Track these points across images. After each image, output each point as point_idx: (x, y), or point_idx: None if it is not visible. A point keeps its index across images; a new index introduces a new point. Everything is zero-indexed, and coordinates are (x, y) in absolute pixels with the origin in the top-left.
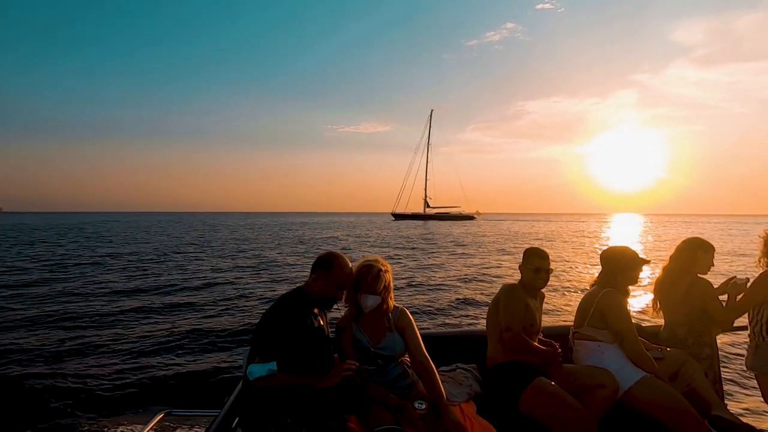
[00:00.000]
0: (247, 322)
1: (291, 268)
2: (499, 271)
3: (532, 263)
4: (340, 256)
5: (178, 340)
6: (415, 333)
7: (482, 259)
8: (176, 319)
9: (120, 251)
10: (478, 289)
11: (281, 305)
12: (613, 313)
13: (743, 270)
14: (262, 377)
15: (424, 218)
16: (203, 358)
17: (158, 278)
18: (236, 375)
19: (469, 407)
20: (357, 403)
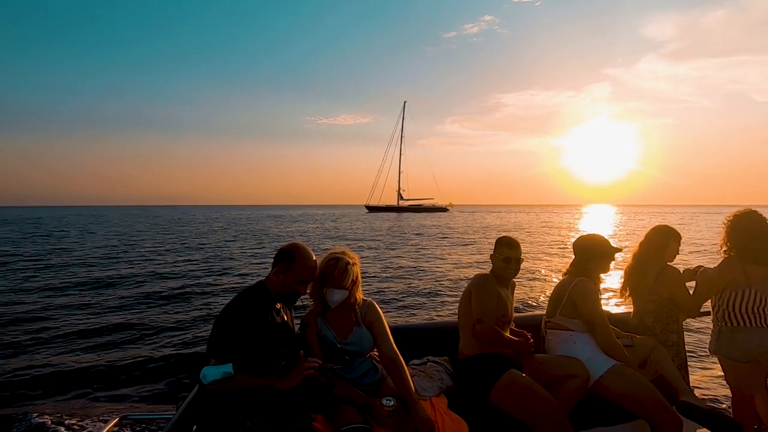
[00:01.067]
0: (205, 319)
1: (248, 264)
2: (465, 260)
3: (503, 253)
4: (302, 247)
5: (132, 341)
6: (384, 327)
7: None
8: (127, 318)
9: (68, 247)
10: (445, 280)
11: (239, 301)
12: (585, 302)
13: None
14: (216, 380)
15: (397, 210)
16: (159, 360)
17: (107, 275)
18: (195, 376)
19: (440, 401)
20: (323, 401)
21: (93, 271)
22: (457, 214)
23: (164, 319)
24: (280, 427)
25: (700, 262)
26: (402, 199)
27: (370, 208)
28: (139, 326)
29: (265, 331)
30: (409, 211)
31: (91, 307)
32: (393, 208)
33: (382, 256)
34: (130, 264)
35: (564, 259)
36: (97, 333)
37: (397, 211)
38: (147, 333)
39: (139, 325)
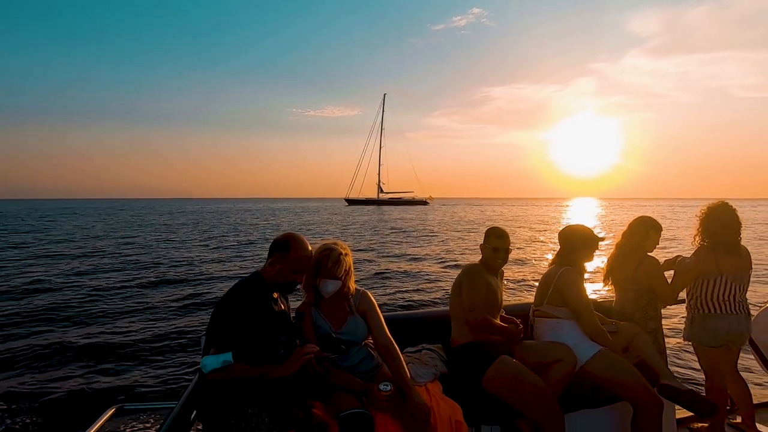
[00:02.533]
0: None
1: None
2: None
3: (492, 243)
4: (297, 237)
5: (126, 334)
6: (378, 315)
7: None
8: (121, 312)
9: None
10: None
11: (236, 292)
12: (570, 290)
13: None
14: (216, 369)
15: (377, 203)
16: (156, 351)
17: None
18: (192, 366)
19: (435, 387)
20: (320, 389)
21: (75, 262)
22: (438, 207)
23: (156, 310)
24: (280, 414)
25: (678, 252)
26: (382, 192)
27: (349, 201)
28: (131, 318)
29: (262, 320)
30: (388, 204)
31: (81, 298)
32: (373, 201)
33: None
34: (116, 256)
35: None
36: (88, 323)
37: (377, 204)
38: (140, 324)
39: (132, 317)
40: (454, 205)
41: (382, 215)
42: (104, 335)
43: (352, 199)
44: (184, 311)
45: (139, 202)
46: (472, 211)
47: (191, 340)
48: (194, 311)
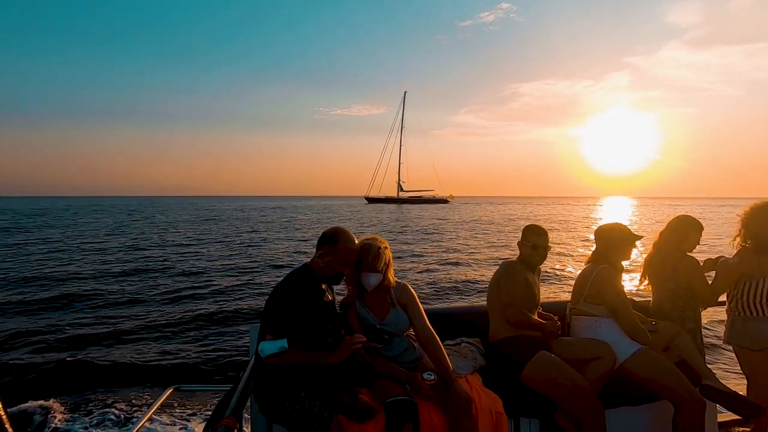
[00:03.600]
0: (246, 301)
1: None
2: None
3: (531, 240)
4: (345, 231)
5: (182, 321)
6: (419, 307)
7: None
8: (177, 300)
9: None
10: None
11: (290, 283)
12: (608, 288)
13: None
14: (273, 354)
15: (397, 202)
16: (207, 337)
17: (145, 261)
18: (241, 351)
19: (475, 379)
20: (366, 376)
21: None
22: (457, 206)
23: (203, 300)
24: (331, 399)
25: (720, 253)
26: (402, 191)
27: (369, 199)
28: (186, 304)
29: (313, 310)
30: (408, 203)
31: (136, 290)
32: (393, 200)
33: None
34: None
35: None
36: (148, 308)
37: (397, 202)
38: (193, 310)
39: (186, 303)
40: (477, 203)
41: (401, 214)
42: (162, 318)
43: (372, 198)
44: (231, 299)
45: (166, 200)
46: (494, 210)
47: (241, 326)
48: (244, 298)
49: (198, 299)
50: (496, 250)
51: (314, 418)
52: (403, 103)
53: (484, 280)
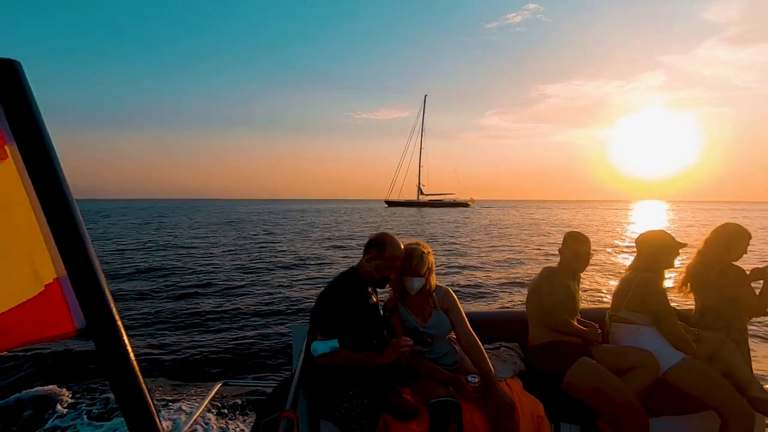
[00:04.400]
0: (293, 301)
1: None
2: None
3: (573, 247)
4: (392, 237)
5: (230, 317)
6: (460, 312)
7: None
8: (228, 298)
9: None
10: None
11: (340, 285)
12: (651, 296)
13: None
14: (325, 354)
15: (417, 205)
16: (249, 335)
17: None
18: (283, 349)
19: (515, 383)
20: (409, 377)
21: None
22: (478, 210)
23: (253, 301)
24: (377, 398)
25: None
26: (422, 194)
27: (389, 202)
28: (233, 309)
29: (360, 312)
30: (428, 206)
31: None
32: (412, 203)
33: None
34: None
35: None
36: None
37: (417, 206)
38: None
39: (236, 308)
40: (499, 207)
41: (421, 217)
42: (207, 315)
43: (392, 201)
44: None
45: (191, 203)
46: (516, 214)
47: (281, 325)
48: (281, 298)
49: (239, 297)
50: (510, 254)
51: (362, 416)
52: (424, 106)
53: (491, 285)
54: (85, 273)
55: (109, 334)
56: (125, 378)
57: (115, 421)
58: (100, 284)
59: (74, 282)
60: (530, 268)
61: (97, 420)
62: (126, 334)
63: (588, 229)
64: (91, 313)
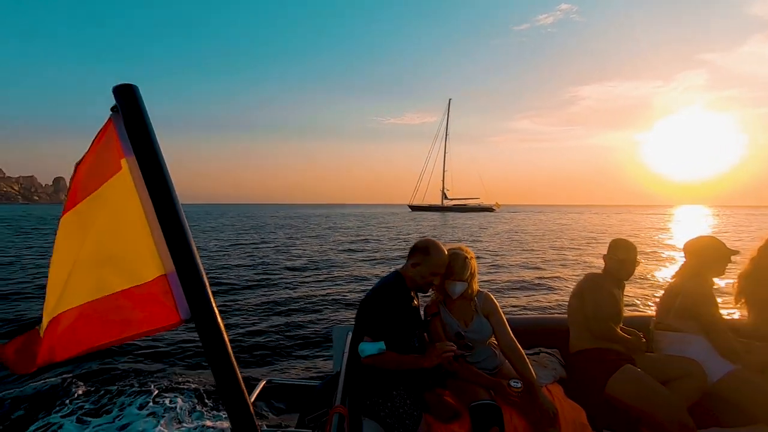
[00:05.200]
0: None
1: None
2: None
3: (618, 254)
4: (436, 242)
5: (271, 318)
6: (501, 317)
7: None
8: (269, 300)
9: None
10: None
11: (386, 289)
12: (701, 305)
13: None
14: (372, 355)
15: (441, 210)
16: (294, 335)
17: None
18: (326, 350)
19: (556, 389)
20: (447, 380)
21: None
22: (503, 215)
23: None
24: (419, 398)
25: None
26: (446, 199)
27: (413, 207)
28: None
29: (404, 315)
30: (453, 211)
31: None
32: (436, 208)
33: None
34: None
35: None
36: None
37: (441, 210)
38: (285, 312)
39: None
40: (526, 212)
41: (445, 222)
42: (261, 315)
43: (416, 206)
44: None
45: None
46: (545, 219)
47: (321, 325)
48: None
49: (282, 299)
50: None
51: (405, 416)
52: (448, 110)
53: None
54: (190, 268)
55: (210, 322)
56: (222, 360)
57: None
58: (202, 279)
59: (181, 277)
60: (549, 272)
61: None
62: (222, 323)
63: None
64: (195, 304)
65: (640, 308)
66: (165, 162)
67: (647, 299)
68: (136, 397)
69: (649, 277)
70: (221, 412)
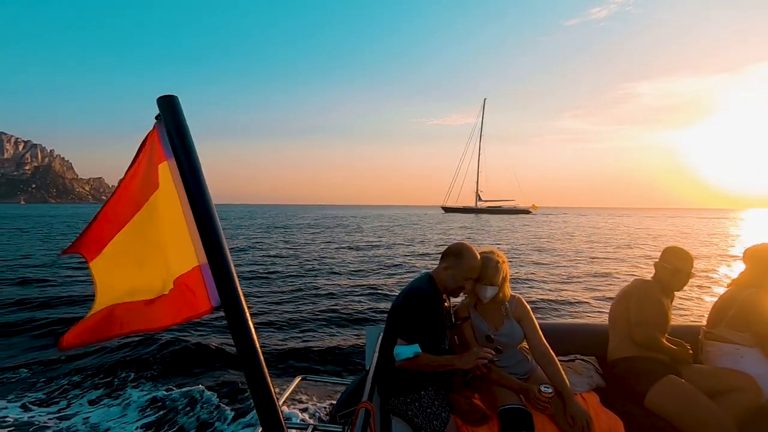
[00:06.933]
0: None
1: None
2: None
3: (672, 263)
4: (469, 247)
5: (304, 318)
6: (533, 321)
7: None
8: (304, 299)
9: None
10: None
11: (417, 292)
12: (759, 315)
13: None
14: (408, 358)
15: (474, 212)
16: (326, 334)
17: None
18: (357, 349)
19: (592, 397)
20: (480, 382)
21: None
22: (537, 217)
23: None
24: (447, 400)
25: None
26: (480, 200)
27: (446, 209)
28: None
29: (437, 317)
30: (487, 213)
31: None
32: (470, 210)
33: None
34: None
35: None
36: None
37: (474, 212)
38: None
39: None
40: (565, 214)
41: (478, 223)
42: (287, 314)
43: (449, 207)
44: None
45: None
46: (584, 223)
47: (355, 325)
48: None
49: (317, 298)
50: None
51: (433, 416)
52: (483, 110)
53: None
54: (220, 260)
55: (236, 309)
56: (248, 346)
57: None
58: (230, 269)
59: (212, 267)
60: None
61: None
62: (248, 311)
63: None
64: (223, 292)
65: (688, 317)
66: (200, 164)
67: (697, 308)
68: None
69: (701, 285)
70: None
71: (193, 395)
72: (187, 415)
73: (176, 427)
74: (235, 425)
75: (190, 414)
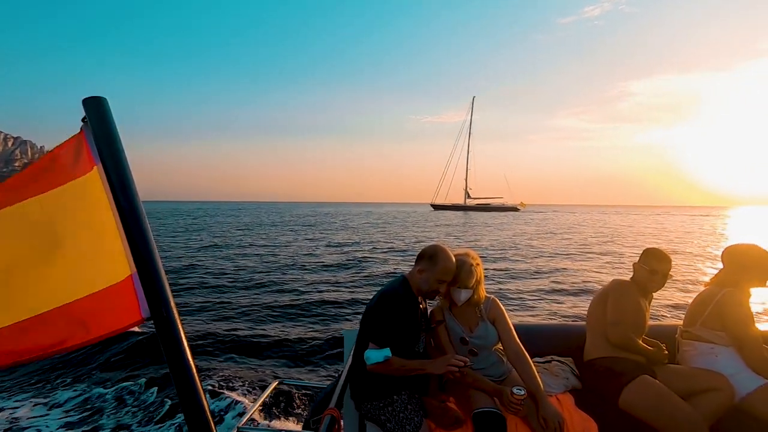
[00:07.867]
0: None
1: None
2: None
3: (650, 264)
4: (444, 249)
5: (281, 317)
6: (507, 323)
7: None
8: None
9: None
10: None
11: (391, 294)
12: (733, 314)
13: None
14: (378, 363)
15: (463, 209)
16: (307, 338)
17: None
18: (334, 354)
19: (567, 399)
20: (453, 386)
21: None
22: (523, 215)
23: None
24: (420, 404)
25: None
26: (469, 198)
27: (435, 206)
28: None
29: (410, 321)
30: (476, 211)
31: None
32: (459, 207)
33: None
34: None
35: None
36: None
37: (463, 210)
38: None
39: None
40: (554, 212)
41: (465, 220)
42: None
43: (438, 205)
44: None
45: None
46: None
47: (333, 325)
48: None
49: (296, 298)
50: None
51: (406, 421)
52: (472, 108)
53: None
54: (150, 269)
55: (166, 320)
56: (178, 358)
57: None
58: (161, 279)
59: (142, 277)
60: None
61: None
62: (180, 322)
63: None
64: (153, 303)
65: (665, 317)
66: (129, 169)
67: (675, 308)
68: None
69: (679, 284)
70: None
71: (131, 390)
72: (108, 417)
73: (93, 425)
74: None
75: (111, 416)
